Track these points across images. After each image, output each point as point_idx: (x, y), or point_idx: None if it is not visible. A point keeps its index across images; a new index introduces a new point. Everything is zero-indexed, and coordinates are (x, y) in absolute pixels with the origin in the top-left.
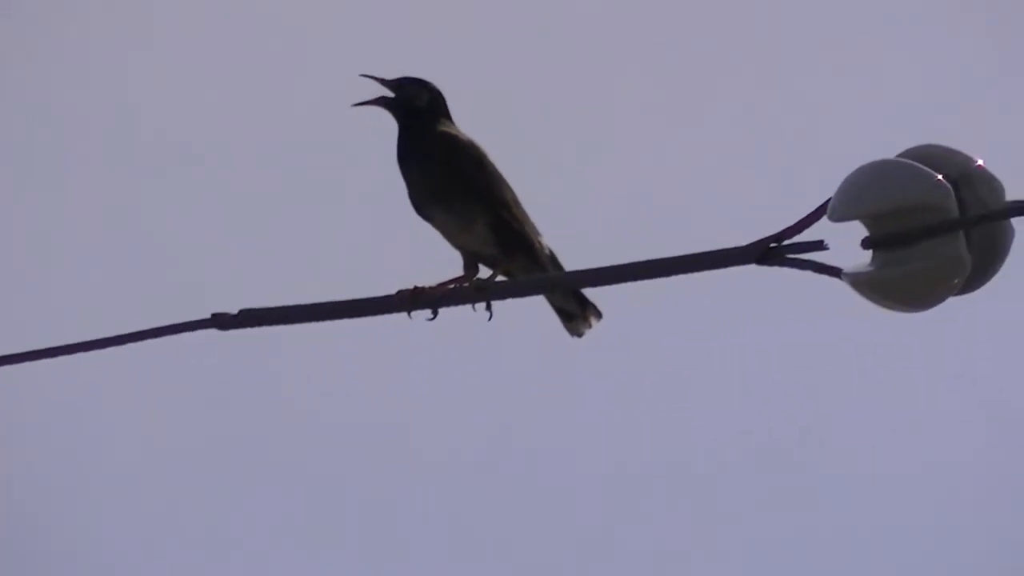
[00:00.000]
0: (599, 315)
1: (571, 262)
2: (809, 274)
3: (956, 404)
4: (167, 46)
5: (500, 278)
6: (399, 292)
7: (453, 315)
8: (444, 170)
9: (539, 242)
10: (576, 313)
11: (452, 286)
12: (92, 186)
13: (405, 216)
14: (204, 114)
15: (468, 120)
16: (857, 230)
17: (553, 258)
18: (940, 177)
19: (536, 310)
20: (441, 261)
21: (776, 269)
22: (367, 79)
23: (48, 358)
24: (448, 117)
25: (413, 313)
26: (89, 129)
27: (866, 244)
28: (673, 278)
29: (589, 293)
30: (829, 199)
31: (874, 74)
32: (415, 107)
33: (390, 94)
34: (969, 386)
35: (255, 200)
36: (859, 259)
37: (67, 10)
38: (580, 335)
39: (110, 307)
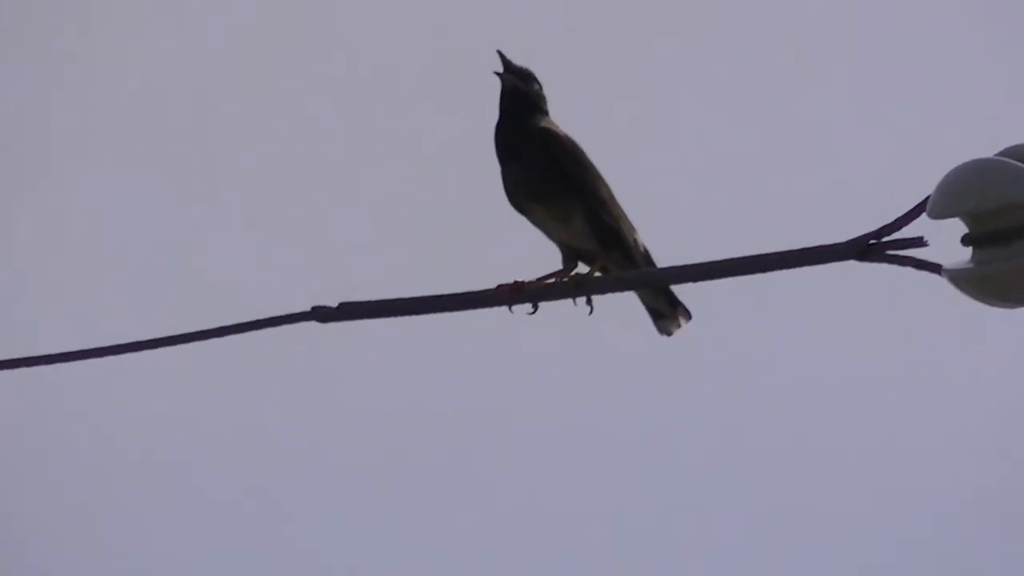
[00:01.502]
0: (688, 315)
1: (665, 260)
2: (909, 271)
3: None
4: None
5: (597, 273)
6: (499, 286)
7: (553, 309)
8: (544, 165)
9: (635, 239)
10: (666, 312)
11: (552, 280)
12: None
13: (502, 210)
14: (307, 108)
15: (562, 114)
16: (957, 228)
17: (647, 255)
18: None
19: (628, 307)
20: (539, 256)
21: (876, 266)
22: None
23: (151, 349)
24: (546, 111)
25: (514, 307)
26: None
27: (966, 241)
28: (773, 275)
29: (687, 290)
30: (928, 196)
31: (976, 70)
32: (527, 100)
33: (513, 79)
34: None
35: (354, 192)
36: (959, 256)
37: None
38: (670, 334)
39: (206, 301)
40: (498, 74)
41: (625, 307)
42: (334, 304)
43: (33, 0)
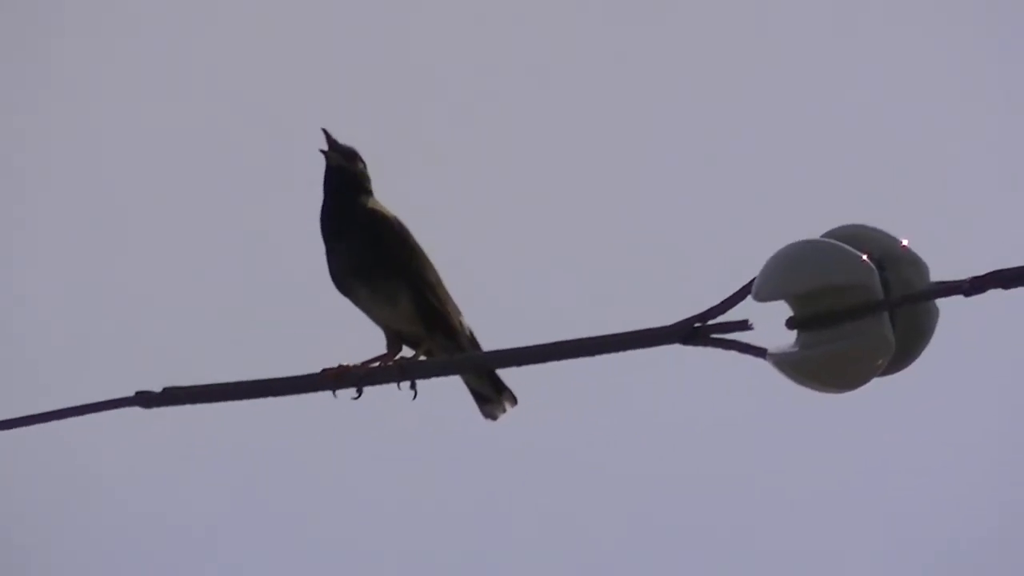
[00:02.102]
0: (514, 400)
1: (491, 343)
2: (734, 354)
3: (881, 487)
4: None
5: (422, 357)
6: (324, 370)
7: (377, 393)
8: (370, 247)
9: (460, 322)
10: (492, 397)
11: (376, 364)
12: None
13: (328, 292)
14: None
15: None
16: (782, 309)
17: (472, 338)
18: (865, 257)
19: (453, 391)
20: (360, 339)
21: (701, 349)
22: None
23: None
24: (370, 191)
25: (338, 392)
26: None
27: (791, 324)
28: (597, 358)
29: (510, 373)
30: (754, 279)
31: (803, 149)
32: (353, 179)
33: (338, 157)
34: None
35: (179, 273)
36: (784, 338)
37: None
38: (495, 418)
39: (32, 384)
40: (323, 152)
41: (451, 391)
42: (158, 389)
43: None
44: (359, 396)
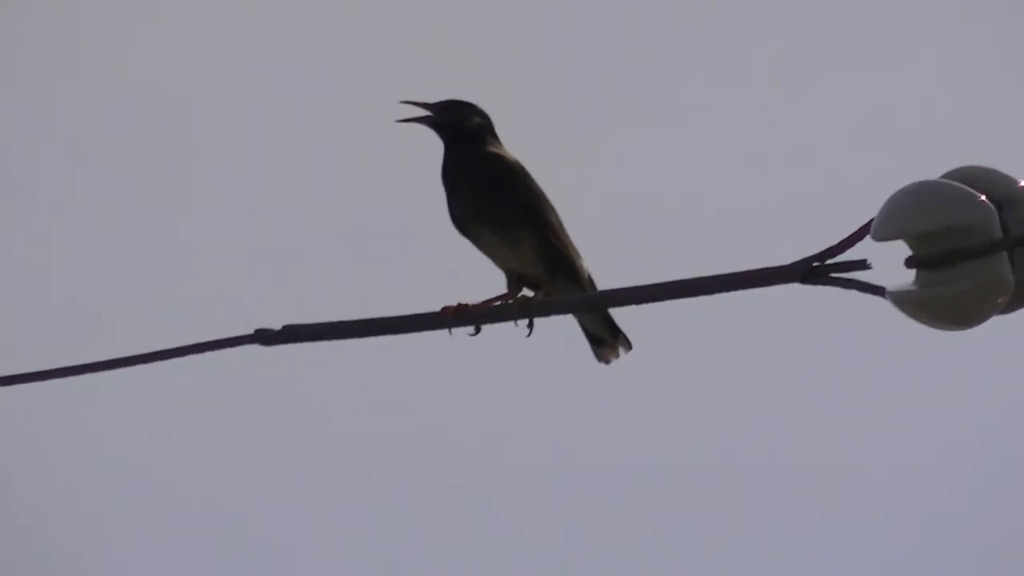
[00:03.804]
0: (629, 345)
1: (608, 286)
2: (853, 293)
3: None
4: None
5: (543, 297)
6: (444, 308)
7: (493, 331)
8: (493, 191)
9: (580, 265)
10: (607, 340)
11: (496, 303)
12: (131, 196)
13: (446, 234)
14: (246, 125)
15: (508, 137)
16: (901, 250)
17: (591, 281)
18: (984, 198)
19: (569, 333)
20: (481, 280)
21: (820, 288)
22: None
23: (92, 372)
24: (495, 137)
25: (455, 329)
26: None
27: (910, 264)
28: (715, 297)
29: (630, 316)
30: (872, 219)
31: (924, 93)
32: (463, 129)
33: (431, 116)
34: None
35: (302, 215)
36: (903, 278)
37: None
38: (608, 362)
39: (152, 322)
40: (415, 119)
41: (566, 333)
42: (277, 327)
43: None
44: (476, 333)
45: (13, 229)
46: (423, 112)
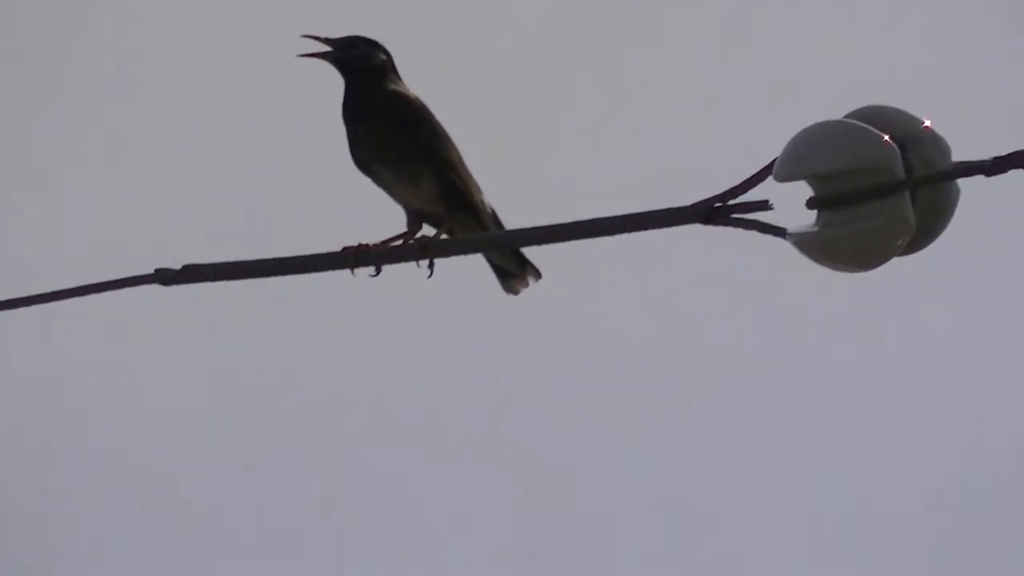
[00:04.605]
0: (538, 275)
1: (511, 222)
2: (754, 234)
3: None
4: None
5: (443, 236)
6: (344, 249)
7: (395, 271)
8: (392, 128)
9: (481, 200)
10: (515, 272)
11: (396, 243)
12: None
13: (348, 172)
14: (143, 58)
15: (411, 76)
16: (803, 190)
17: (495, 216)
18: (887, 138)
19: (474, 265)
20: (383, 217)
21: (721, 229)
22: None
23: None
24: (397, 75)
25: (356, 270)
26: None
27: (811, 204)
28: (617, 238)
29: (532, 253)
30: (775, 159)
31: (822, 31)
32: (365, 66)
33: (333, 51)
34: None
35: (201, 153)
36: (805, 219)
37: None
38: (516, 293)
39: (52, 261)
40: (317, 55)
41: (472, 266)
42: (177, 267)
43: None
44: (378, 274)
45: None
46: (325, 48)
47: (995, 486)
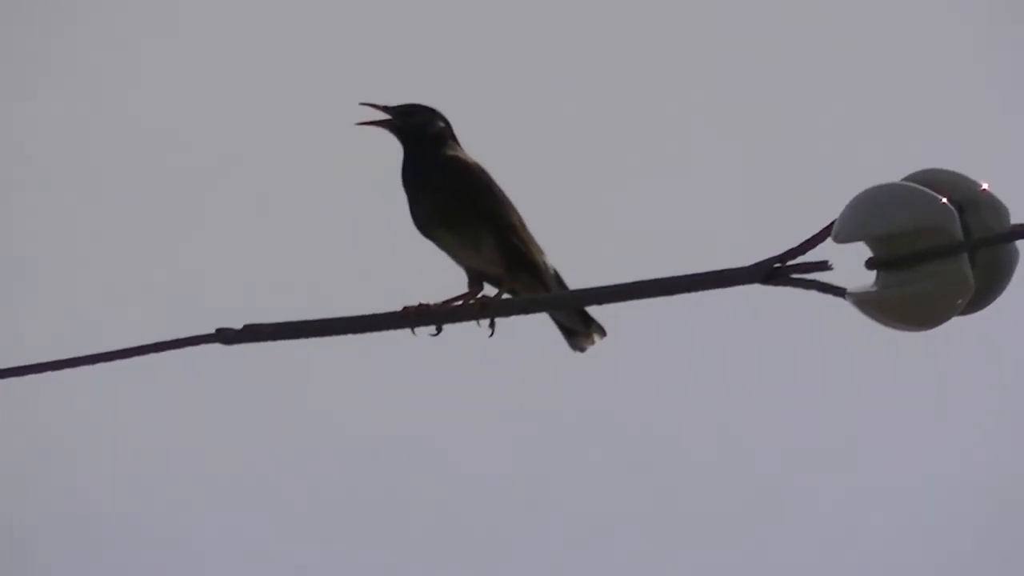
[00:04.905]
0: (603, 332)
1: (575, 282)
2: (814, 294)
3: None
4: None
5: (504, 296)
6: (405, 308)
7: (457, 331)
8: (452, 194)
9: (543, 262)
10: (580, 331)
11: (457, 303)
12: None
13: (409, 234)
14: (208, 122)
15: (469, 140)
16: (862, 252)
17: (557, 277)
18: (945, 200)
19: (541, 328)
20: (445, 278)
21: (781, 289)
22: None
23: (52, 370)
24: (455, 140)
25: (417, 330)
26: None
27: (870, 265)
28: (677, 298)
29: (594, 313)
30: (834, 221)
31: (882, 96)
32: (423, 133)
33: (392, 119)
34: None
35: (260, 214)
36: (864, 279)
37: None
38: (583, 351)
39: (111, 321)
40: (376, 123)
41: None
42: (238, 326)
43: None
44: (438, 333)
45: None
46: (383, 116)
47: None
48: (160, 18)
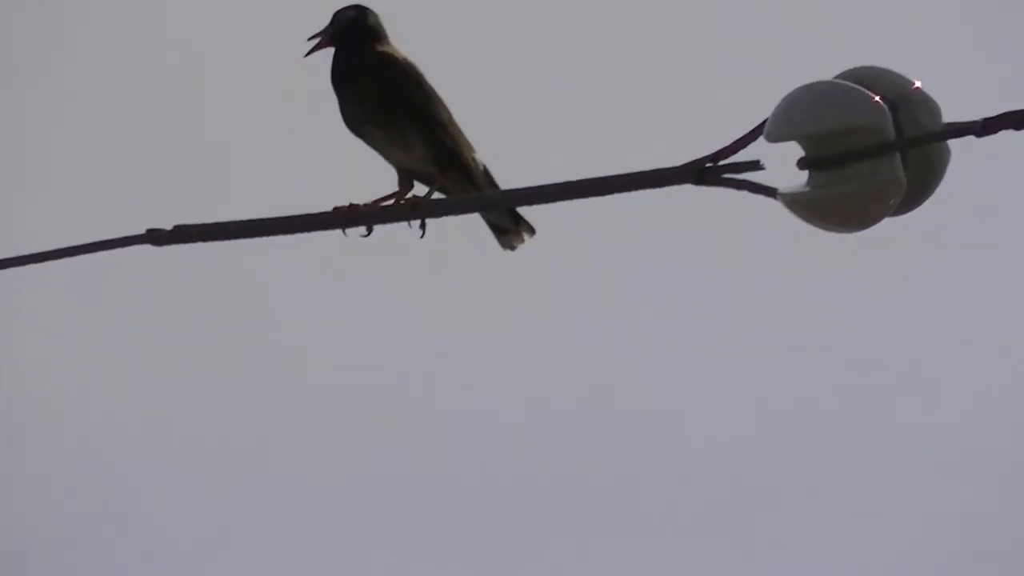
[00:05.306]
0: (532, 231)
1: (505, 179)
2: (745, 194)
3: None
4: None
5: (435, 195)
6: (335, 209)
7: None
8: (380, 89)
9: (473, 159)
10: (509, 228)
11: (387, 203)
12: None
13: (339, 133)
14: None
15: (401, 35)
16: (794, 151)
17: (487, 174)
18: (877, 99)
19: (469, 223)
20: (376, 178)
21: (712, 189)
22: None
23: None
24: (385, 38)
25: (348, 230)
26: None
27: (802, 164)
28: (608, 198)
29: (524, 211)
30: (766, 120)
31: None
32: (351, 29)
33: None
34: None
35: (194, 115)
36: (796, 179)
37: None
38: (512, 249)
39: (41, 222)
40: (316, 47)
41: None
42: (168, 227)
43: None
44: (369, 234)
45: None
46: (320, 38)
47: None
48: None
